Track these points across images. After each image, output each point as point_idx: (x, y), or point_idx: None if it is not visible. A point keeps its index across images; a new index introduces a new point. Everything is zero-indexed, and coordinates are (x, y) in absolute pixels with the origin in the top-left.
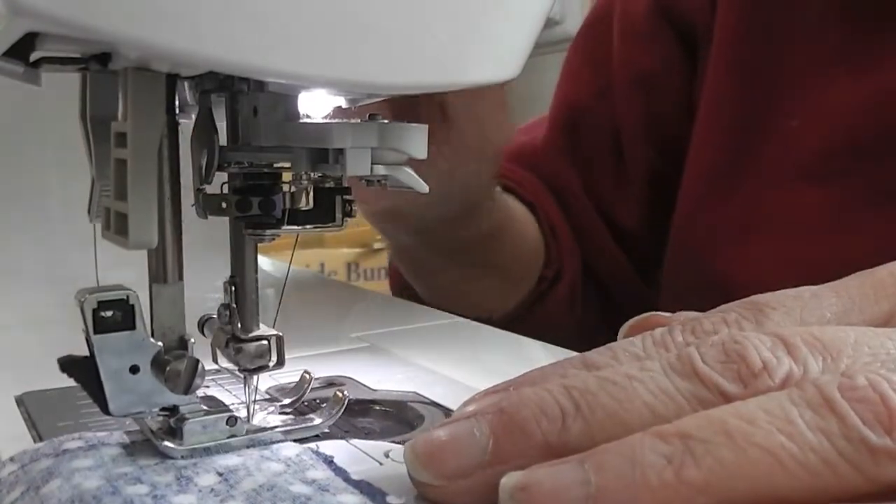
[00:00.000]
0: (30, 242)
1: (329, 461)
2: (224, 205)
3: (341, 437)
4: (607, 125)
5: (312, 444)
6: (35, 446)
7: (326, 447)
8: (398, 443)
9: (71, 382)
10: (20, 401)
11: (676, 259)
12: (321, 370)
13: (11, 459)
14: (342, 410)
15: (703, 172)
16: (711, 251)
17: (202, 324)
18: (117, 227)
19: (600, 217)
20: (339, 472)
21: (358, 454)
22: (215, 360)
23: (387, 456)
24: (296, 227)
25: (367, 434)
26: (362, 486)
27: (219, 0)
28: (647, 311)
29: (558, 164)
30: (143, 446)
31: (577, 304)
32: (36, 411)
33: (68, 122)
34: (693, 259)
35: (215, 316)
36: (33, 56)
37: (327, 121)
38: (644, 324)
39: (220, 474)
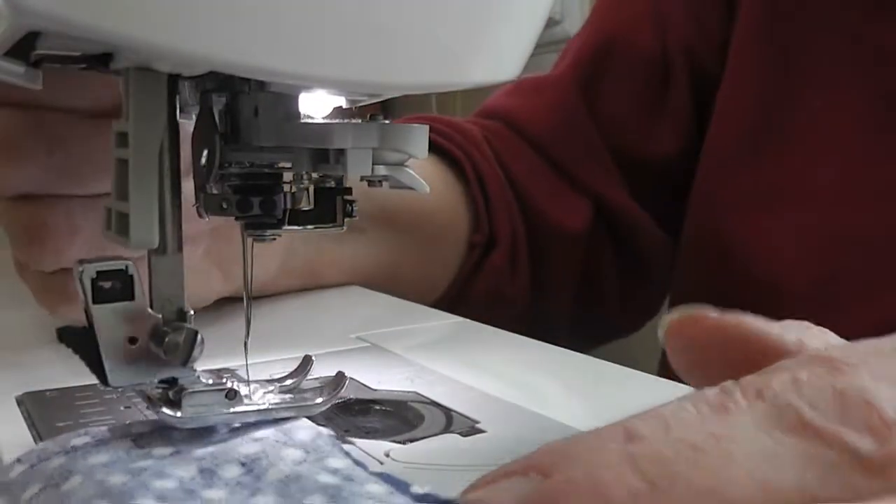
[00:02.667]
0: None
1: (341, 447)
2: (225, 205)
3: (341, 437)
4: (650, 48)
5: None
6: (40, 446)
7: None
8: (398, 443)
9: (71, 382)
10: (20, 401)
11: (696, 226)
12: (321, 370)
13: (18, 461)
14: (343, 389)
15: (727, 140)
16: (733, 219)
17: None
18: (118, 226)
19: (622, 157)
20: (358, 463)
21: (358, 453)
22: None
23: (387, 455)
24: (296, 227)
25: (368, 434)
26: (384, 477)
27: (220, 0)
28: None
29: (573, 90)
30: (151, 438)
31: (522, 273)
32: (36, 411)
33: None
34: (713, 227)
35: None
36: (33, 56)
37: (328, 121)
38: (692, 324)
39: (243, 464)
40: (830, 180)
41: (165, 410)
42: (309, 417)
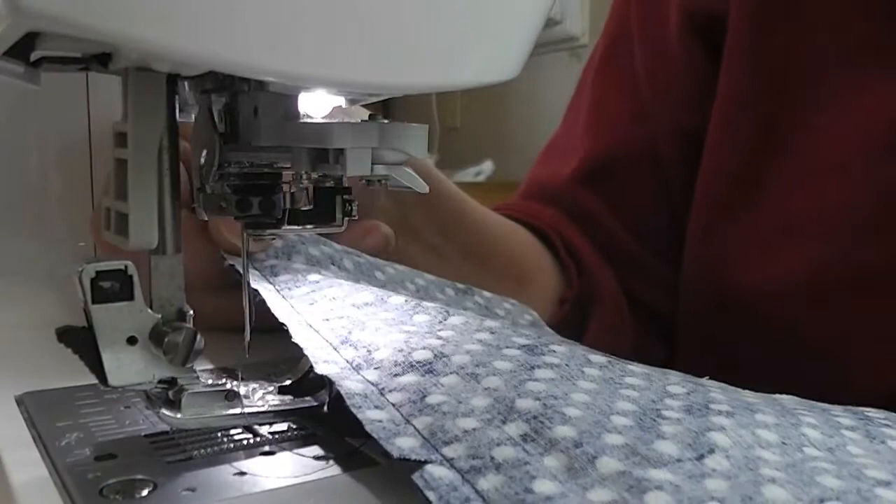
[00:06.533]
0: (30, 242)
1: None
2: (224, 204)
3: (341, 437)
4: (644, 147)
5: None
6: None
7: (325, 447)
8: None
9: (71, 382)
10: (20, 401)
11: (693, 275)
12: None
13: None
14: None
15: (723, 177)
16: (735, 263)
17: None
18: (117, 227)
19: (635, 239)
20: None
21: (358, 453)
22: None
23: (387, 456)
24: (296, 227)
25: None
26: None
27: (220, 0)
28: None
29: (583, 192)
30: None
31: (626, 327)
32: (36, 411)
33: (69, 122)
34: (712, 274)
35: None
36: (33, 56)
37: (327, 121)
38: None
39: None
40: (835, 208)
41: (165, 410)
42: (309, 417)
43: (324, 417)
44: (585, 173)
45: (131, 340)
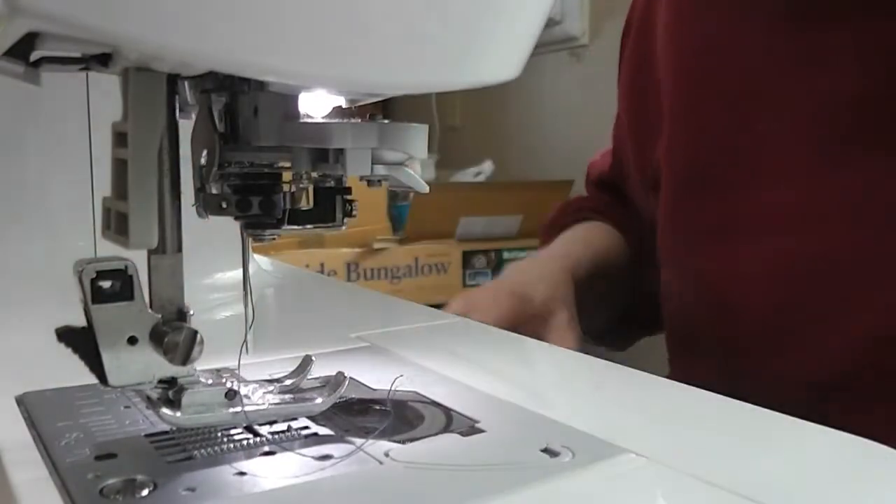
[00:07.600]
0: (31, 242)
1: None
2: (224, 204)
3: (341, 437)
4: (636, 163)
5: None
6: None
7: (327, 447)
8: (398, 442)
9: (71, 382)
10: (20, 401)
11: (663, 255)
12: (321, 370)
13: None
14: (343, 389)
15: (674, 178)
16: (690, 252)
17: None
18: (118, 227)
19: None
20: None
21: (358, 453)
22: None
23: (387, 455)
24: (296, 227)
25: (367, 434)
26: None
27: (220, 0)
28: None
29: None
30: None
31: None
32: (36, 411)
33: (69, 122)
34: (675, 259)
35: None
36: (33, 56)
37: (327, 121)
38: None
39: None
40: (781, 205)
41: (165, 410)
42: (309, 417)
43: (324, 417)
44: (607, 172)
45: (131, 340)
